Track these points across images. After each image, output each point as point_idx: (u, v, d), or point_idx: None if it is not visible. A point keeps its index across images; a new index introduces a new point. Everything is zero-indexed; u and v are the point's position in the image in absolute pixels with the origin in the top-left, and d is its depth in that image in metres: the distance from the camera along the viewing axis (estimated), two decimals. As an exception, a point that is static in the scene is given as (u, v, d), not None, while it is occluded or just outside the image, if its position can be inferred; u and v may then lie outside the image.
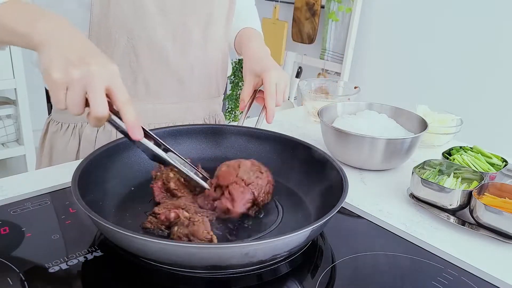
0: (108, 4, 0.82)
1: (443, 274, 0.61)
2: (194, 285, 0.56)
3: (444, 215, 0.75)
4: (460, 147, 0.93)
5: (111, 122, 0.58)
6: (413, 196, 0.79)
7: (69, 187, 0.62)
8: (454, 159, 0.89)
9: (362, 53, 2.48)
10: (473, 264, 0.63)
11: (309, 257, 0.63)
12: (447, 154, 0.91)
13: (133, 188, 0.73)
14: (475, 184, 0.77)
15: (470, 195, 0.73)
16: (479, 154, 0.90)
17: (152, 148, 0.62)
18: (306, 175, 0.76)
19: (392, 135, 0.93)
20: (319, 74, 2.66)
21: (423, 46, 2.19)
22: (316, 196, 0.72)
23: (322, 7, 2.57)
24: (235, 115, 3.00)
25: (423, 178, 0.77)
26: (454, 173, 0.81)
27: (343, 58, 2.50)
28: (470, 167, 0.85)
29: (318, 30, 2.63)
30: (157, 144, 0.63)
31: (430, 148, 1.05)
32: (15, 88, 2.34)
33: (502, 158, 0.88)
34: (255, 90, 0.91)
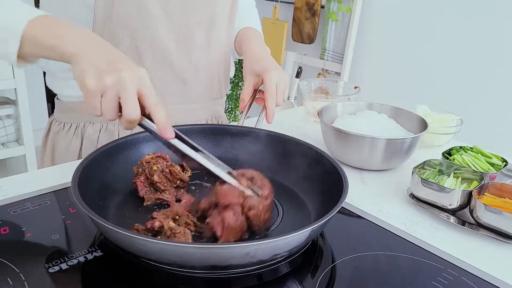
0: (112, 5, 0.82)
1: (443, 274, 0.61)
2: (194, 285, 0.56)
3: (444, 215, 0.75)
4: (460, 147, 0.93)
5: (142, 124, 0.59)
6: (413, 196, 0.79)
7: (69, 187, 0.62)
8: (454, 159, 0.89)
9: (362, 53, 2.48)
10: (473, 264, 0.63)
11: (309, 257, 0.63)
12: (447, 154, 0.91)
13: (133, 188, 0.73)
14: (475, 184, 0.77)
15: (470, 195, 0.73)
16: (479, 154, 0.90)
17: (182, 149, 0.62)
18: (306, 175, 0.76)
19: (392, 135, 0.93)
20: (319, 74, 2.66)
21: (423, 46, 2.19)
22: (316, 196, 0.72)
23: (322, 7, 2.57)
24: (235, 115, 3.00)
25: (423, 178, 0.77)
26: (454, 173, 0.81)
27: (343, 58, 2.50)
28: (470, 167, 0.85)
29: (318, 30, 2.62)
30: (187, 144, 0.63)
31: (430, 148, 1.05)
32: (15, 88, 2.34)
33: (502, 158, 0.88)
34: (255, 90, 0.91)
